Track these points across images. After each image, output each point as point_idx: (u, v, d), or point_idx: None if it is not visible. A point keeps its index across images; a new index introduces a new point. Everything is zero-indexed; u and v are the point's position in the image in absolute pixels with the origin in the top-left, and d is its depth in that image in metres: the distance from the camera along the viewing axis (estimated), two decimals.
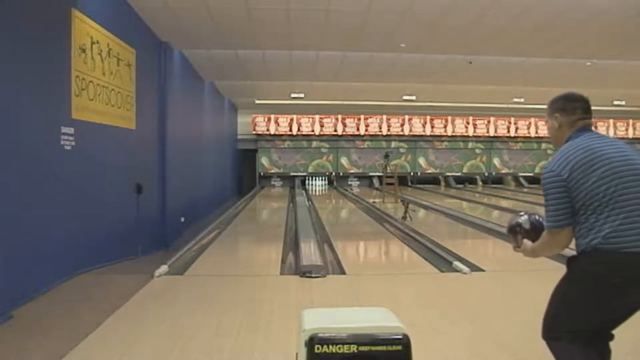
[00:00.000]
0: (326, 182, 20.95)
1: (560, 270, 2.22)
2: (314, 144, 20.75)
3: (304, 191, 18.02)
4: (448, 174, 21.41)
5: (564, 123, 2.25)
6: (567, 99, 2.28)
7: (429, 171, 21.38)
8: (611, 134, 21.67)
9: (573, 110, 2.24)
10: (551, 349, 2.16)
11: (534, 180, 20.06)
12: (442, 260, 6.05)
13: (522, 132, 21.44)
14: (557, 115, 2.27)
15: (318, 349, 2.03)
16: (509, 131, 21.35)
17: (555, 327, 2.16)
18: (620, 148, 2.12)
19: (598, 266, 2.03)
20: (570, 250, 2.20)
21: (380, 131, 20.80)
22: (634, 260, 1.97)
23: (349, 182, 20.95)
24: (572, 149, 2.13)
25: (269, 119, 20.38)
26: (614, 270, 2.00)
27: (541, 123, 21.38)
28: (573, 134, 2.22)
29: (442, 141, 21.28)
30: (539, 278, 3.17)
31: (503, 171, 21.71)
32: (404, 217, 9.51)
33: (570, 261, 2.16)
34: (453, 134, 21.17)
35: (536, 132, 21.45)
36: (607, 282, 2.01)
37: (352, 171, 20.98)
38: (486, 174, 21.70)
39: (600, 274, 2.03)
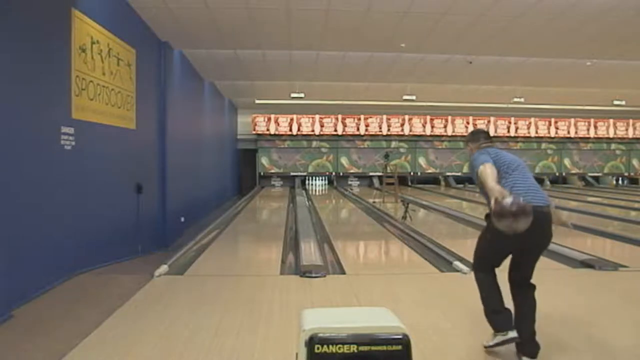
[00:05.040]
0: (326, 182, 20.94)
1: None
2: (314, 143, 20.73)
3: (304, 191, 18.00)
4: (448, 174, 21.41)
5: (473, 147, 3.42)
6: (473, 133, 3.51)
7: (429, 171, 21.38)
8: (611, 134, 21.71)
9: (478, 138, 3.44)
10: (475, 278, 3.24)
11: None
12: (442, 260, 6.05)
13: (522, 132, 21.43)
14: (469, 143, 3.47)
15: (318, 349, 2.03)
16: (509, 131, 21.34)
17: (476, 264, 3.26)
18: (509, 155, 3.33)
19: None
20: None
21: (380, 131, 20.79)
22: None
23: (349, 182, 20.94)
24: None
25: (269, 119, 20.36)
26: None
27: (541, 123, 21.39)
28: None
29: (442, 141, 21.28)
30: (538, 278, 3.17)
31: None
32: (404, 217, 9.52)
33: (486, 217, 3.13)
34: (453, 134, 21.16)
35: (536, 132, 21.44)
36: None
37: (352, 171, 20.97)
38: None
39: None
